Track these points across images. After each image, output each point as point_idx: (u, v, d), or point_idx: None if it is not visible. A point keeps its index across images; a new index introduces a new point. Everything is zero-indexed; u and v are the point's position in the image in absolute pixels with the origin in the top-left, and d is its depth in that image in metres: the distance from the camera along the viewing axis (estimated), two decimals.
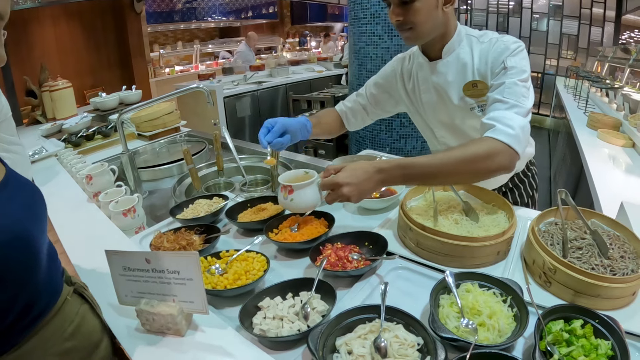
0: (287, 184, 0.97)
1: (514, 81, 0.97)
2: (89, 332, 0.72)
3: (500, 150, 0.89)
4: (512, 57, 1.01)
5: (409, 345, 0.65)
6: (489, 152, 0.89)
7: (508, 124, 0.91)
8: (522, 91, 0.96)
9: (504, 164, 0.90)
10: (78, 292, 0.78)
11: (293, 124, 1.17)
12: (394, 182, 0.93)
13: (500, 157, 0.89)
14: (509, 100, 0.95)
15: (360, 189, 0.89)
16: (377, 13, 2.79)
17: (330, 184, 0.90)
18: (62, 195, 1.48)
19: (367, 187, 0.90)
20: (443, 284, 0.78)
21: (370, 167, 0.90)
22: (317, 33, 10.61)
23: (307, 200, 0.97)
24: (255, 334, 0.71)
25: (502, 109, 0.95)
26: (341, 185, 0.88)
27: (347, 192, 0.88)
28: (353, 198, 0.89)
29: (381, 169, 0.90)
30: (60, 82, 2.68)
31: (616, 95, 2.74)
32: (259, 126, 1.15)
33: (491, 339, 0.68)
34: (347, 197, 0.89)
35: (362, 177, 0.89)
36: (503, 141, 0.89)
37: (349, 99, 1.40)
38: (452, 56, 1.11)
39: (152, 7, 7.01)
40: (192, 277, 0.69)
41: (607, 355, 0.64)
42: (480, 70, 1.07)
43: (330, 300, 0.77)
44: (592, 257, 0.84)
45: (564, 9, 6.83)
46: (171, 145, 2.24)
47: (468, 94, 1.09)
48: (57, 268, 0.74)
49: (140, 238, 1.16)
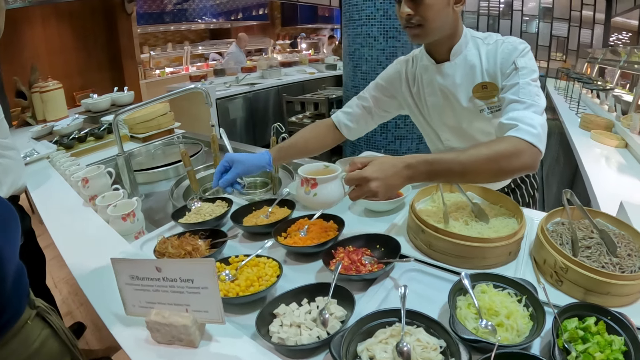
0: (310, 177, 0.90)
1: (527, 81, 0.98)
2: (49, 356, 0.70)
3: (524, 149, 0.89)
4: (522, 58, 1.02)
5: (431, 348, 0.65)
6: (514, 150, 0.88)
7: (530, 123, 0.91)
8: (535, 90, 0.97)
9: (529, 163, 0.90)
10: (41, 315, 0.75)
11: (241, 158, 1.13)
12: (420, 178, 0.88)
13: (525, 156, 0.89)
14: (525, 100, 0.95)
15: (388, 184, 0.84)
16: (373, 15, 2.79)
17: (357, 179, 0.84)
18: (56, 199, 1.43)
19: (395, 183, 0.86)
20: (459, 286, 0.78)
21: (398, 162, 0.86)
22: (307, 35, 10.61)
23: (331, 196, 0.91)
24: (273, 342, 0.68)
25: (520, 109, 0.95)
26: (369, 180, 0.83)
27: (375, 187, 0.83)
28: (380, 194, 0.84)
29: (409, 165, 0.86)
30: (51, 83, 2.62)
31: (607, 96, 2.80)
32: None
33: (510, 339, 0.68)
34: (374, 192, 0.84)
35: (391, 171, 0.84)
36: (527, 140, 0.89)
37: (349, 106, 1.33)
38: (460, 58, 1.10)
39: (143, 8, 6.90)
40: (208, 286, 0.66)
41: (621, 351, 0.65)
42: (489, 71, 1.07)
43: (348, 305, 0.76)
44: (601, 256, 0.84)
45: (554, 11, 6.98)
46: (166, 147, 2.20)
47: (477, 96, 1.09)
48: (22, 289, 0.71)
49: (141, 243, 1.13)
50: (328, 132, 1.31)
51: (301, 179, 0.91)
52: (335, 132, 1.31)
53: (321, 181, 0.89)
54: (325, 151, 1.32)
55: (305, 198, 0.91)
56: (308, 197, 0.90)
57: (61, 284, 2.63)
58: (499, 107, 1.09)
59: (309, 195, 0.90)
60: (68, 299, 2.48)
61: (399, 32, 2.79)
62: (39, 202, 1.40)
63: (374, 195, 0.85)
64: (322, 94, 4.53)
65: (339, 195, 0.92)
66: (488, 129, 1.15)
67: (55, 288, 2.56)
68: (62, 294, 2.52)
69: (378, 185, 0.83)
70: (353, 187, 0.86)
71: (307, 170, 0.95)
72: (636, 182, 1.61)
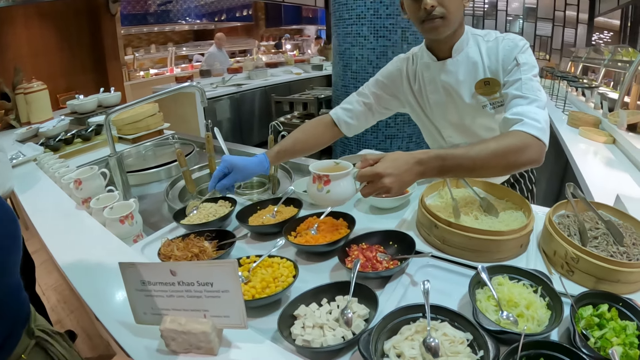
0: (322, 173, 0.88)
1: (529, 77, 0.99)
2: None
3: (531, 143, 0.90)
4: (523, 54, 1.03)
5: (458, 342, 0.64)
6: (522, 145, 0.89)
7: (535, 118, 0.92)
8: (537, 86, 0.99)
9: (535, 157, 0.91)
10: (41, 345, 0.68)
11: (240, 164, 1.11)
12: (432, 173, 0.88)
13: (531, 150, 0.90)
14: (529, 96, 0.97)
15: (401, 180, 0.84)
16: (363, 14, 2.79)
17: (370, 175, 0.84)
18: (47, 202, 1.37)
19: (408, 179, 0.86)
20: (476, 279, 0.78)
21: (410, 158, 0.86)
22: (292, 36, 10.58)
23: (344, 193, 0.89)
24: (297, 345, 0.66)
25: (524, 104, 0.96)
26: (382, 176, 0.83)
27: (388, 183, 0.83)
28: (394, 190, 0.84)
29: (421, 160, 0.86)
30: (36, 84, 2.54)
31: (593, 94, 2.87)
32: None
33: (532, 328, 0.69)
34: (387, 188, 0.83)
35: (404, 167, 0.85)
36: (533, 134, 0.90)
37: (349, 102, 1.31)
38: (462, 55, 1.11)
39: (127, 9, 6.75)
40: (229, 289, 0.63)
41: (635, 335, 0.66)
42: (491, 68, 1.08)
43: (369, 303, 0.74)
44: (608, 245, 0.87)
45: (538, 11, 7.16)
46: (157, 148, 2.15)
47: (480, 92, 1.10)
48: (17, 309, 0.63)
49: (142, 247, 1.08)
50: (326, 130, 1.30)
51: (313, 175, 0.89)
52: (333, 129, 1.30)
53: (334, 178, 0.86)
54: (319, 150, 1.33)
55: (318, 195, 0.88)
56: (321, 194, 0.87)
57: (49, 291, 2.54)
58: (501, 103, 1.10)
59: (322, 192, 0.87)
60: (57, 306, 2.40)
61: (389, 32, 2.80)
62: (28, 205, 1.34)
63: (387, 191, 0.84)
64: (311, 94, 4.53)
65: (351, 192, 0.90)
66: (491, 125, 1.16)
67: (43, 295, 2.47)
68: (50, 301, 2.43)
69: (392, 182, 0.83)
70: (365, 184, 0.86)
71: (318, 168, 0.92)
72: (626, 176, 1.66)
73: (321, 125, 1.31)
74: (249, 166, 1.13)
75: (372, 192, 0.86)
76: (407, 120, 3.00)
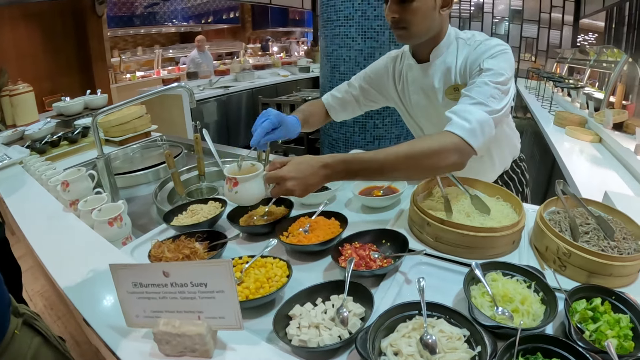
0: (232, 176, 0.97)
1: (485, 81, 0.94)
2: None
3: (452, 147, 0.88)
4: (490, 59, 0.98)
5: (456, 338, 0.64)
6: (438, 148, 0.88)
7: (465, 117, 0.90)
8: (492, 92, 0.93)
9: (454, 160, 0.89)
10: (28, 323, 0.69)
11: (287, 120, 1.16)
12: (339, 177, 0.91)
13: (450, 154, 0.88)
14: (475, 97, 0.93)
15: (304, 183, 0.88)
16: (351, 15, 2.79)
17: (274, 178, 0.88)
18: (34, 205, 1.34)
19: (312, 182, 0.89)
20: (470, 276, 0.78)
21: (315, 162, 0.89)
22: (278, 38, 10.57)
23: (252, 193, 0.98)
24: (294, 345, 0.65)
25: (465, 103, 0.93)
26: (286, 179, 0.87)
27: (291, 186, 0.87)
28: (297, 192, 0.88)
29: (326, 164, 0.89)
30: (21, 86, 2.51)
31: (578, 94, 2.94)
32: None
33: (528, 323, 0.69)
34: (291, 191, 0.88)
35: (307, 171, 0.88)
36: (457, 134, 0.88)
37: (339, 90, 1.37)
38: (439, 60, 1.11)
39: (113, 11, 6.64)
40: (224, 289, 0.62)
41: (629, 327, 0.67)
42: (461, 73, 1.07)
43: (364, 301, 0.74)
44: (599, 240, 0.88)
45: (524, 13, 7.30)
46: (144, 150, 2.11)
47: (450, 98, 1.10)
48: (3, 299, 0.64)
49: (131, 249, 1.06)
50: (322, 112, 1.39)
51: (226, 177, 0.99)
52: (325, 112, 1.40)
53: (242, 180, 0.96)
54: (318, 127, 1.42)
55: (229, 195, 0.99)
56: (231, 194, 0.98)
57: (36, 297, 2.49)
58: None
59: (232, 193, 0.98)
60: (44, 312, 2.34)
61: (377, 33, 2.82)
62: (14, 209, 1.31)
63: (291, 193, 0.88)
64: (298, 96, 4.52)
65: (259, 193, 1.00)
66: None
67: (30, 301, 2.42)
68: (37, 307, 2.38)
69: (294, 184, 0.87)
70: (274, 185, 0.90)
71: (233, 170, 1.04)
72: (613, 174, 1.70)
73: (318, 107, 1.39)
74: (293, 124, 1.17)
75: (279, 193, 0.90)
76: (395, 122, 3.01)
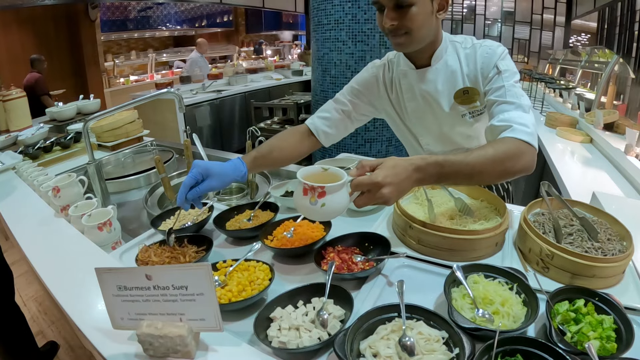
0: (317, 185, 0.73)
1: (512, 83, 0.99)
2: None
3: (525, 150, 0.88)
4: (502, 61, 1.02)
5: (434, 340, 0.64)
6: (517, 151, 0.87)
7: (523, 123, 0.90)
8: (520, 92, 0.98)
9: (530, 163, 0.88)
10: None
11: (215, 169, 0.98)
12: (430, 181, 0.82)
13: (526, 157, 0.87)
14: (514, 101, 0.96)
15: (399, 189, 0.76)
16: (341, 19, 2.81)
17: (368, 184, 0.74)
18: (26, 211, 1.35)
19: (406, 187, 0.78)
20: (452, 278, 0.79)
21: (409, 165, 0.78)
22: (271, 41, 10.60)
23: (340, 205, 0.75)
24: (274, 347, 0.66)
25: (510, 110, 0.94)
26: (382, 186, 0.74)
27: (387, 193, 0.74)
28: (392, 200, 0.76)
29: (419, 167, 0.79)
30: (14, 91, 2.49)
31: (570, 95, 2.96)
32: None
33: (508, 325, 0.70)
34: (386, 199, 0.75)
35: (403, 175, 0.77)
36: (524, 140, 0.88)
37: (326, 110, 1.23)
38: (441, 63, 1.09)
39: (106, 15, 6.65)
40: (204, 292, 0.63)
41: (612, 329, 0.68)
42: (469, 76, 1.07)
43: (345, 304, 0.75)
44: (583, 242, 0.89)
45: (516, 15, 7.36)
46: (136, 155, 2.12)
47: (459, 101, 1.09)
48: None
49: (120, 253, 1.07)
50: (303, 140, 1.21)
51: (304, 187, 0.75)
52: (310, 139, 1.21)
53: (330, 190, 0.73)
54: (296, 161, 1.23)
55: (311, 209, 0.75)
56: (315, 207, 0.74)
57: (30, 302, 2.49)
58: (480, 112, 1.10)
59: (316, 206, 0.74)
60: (38, 317, 2.34)
61: (367, 36, 2.84)
62: (7, 214, 1.32)
63: (384, 202, 0.76)
64: (290, 99, 4.54)
65: (346, 204, 0.77)
66: (469, 133, 1.16)
67: (24, 306, 2.42)
68: (31, 312, 2.38)
69: (391, 191, 0.75)
70: (359, 193, 0.77)
71: (307, 175, 0.80)
72: (603, 174, 1.72)
73: (298, 135, 1.20)
74: (225, 172, 0.99)
75: (370, 202, 0.77)
76: (387, 124, 3.02)
